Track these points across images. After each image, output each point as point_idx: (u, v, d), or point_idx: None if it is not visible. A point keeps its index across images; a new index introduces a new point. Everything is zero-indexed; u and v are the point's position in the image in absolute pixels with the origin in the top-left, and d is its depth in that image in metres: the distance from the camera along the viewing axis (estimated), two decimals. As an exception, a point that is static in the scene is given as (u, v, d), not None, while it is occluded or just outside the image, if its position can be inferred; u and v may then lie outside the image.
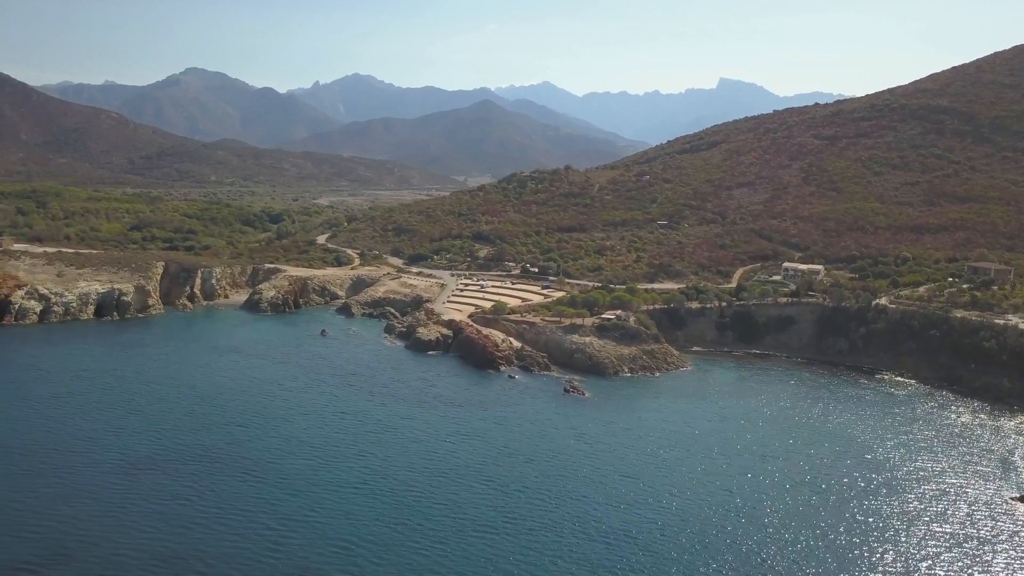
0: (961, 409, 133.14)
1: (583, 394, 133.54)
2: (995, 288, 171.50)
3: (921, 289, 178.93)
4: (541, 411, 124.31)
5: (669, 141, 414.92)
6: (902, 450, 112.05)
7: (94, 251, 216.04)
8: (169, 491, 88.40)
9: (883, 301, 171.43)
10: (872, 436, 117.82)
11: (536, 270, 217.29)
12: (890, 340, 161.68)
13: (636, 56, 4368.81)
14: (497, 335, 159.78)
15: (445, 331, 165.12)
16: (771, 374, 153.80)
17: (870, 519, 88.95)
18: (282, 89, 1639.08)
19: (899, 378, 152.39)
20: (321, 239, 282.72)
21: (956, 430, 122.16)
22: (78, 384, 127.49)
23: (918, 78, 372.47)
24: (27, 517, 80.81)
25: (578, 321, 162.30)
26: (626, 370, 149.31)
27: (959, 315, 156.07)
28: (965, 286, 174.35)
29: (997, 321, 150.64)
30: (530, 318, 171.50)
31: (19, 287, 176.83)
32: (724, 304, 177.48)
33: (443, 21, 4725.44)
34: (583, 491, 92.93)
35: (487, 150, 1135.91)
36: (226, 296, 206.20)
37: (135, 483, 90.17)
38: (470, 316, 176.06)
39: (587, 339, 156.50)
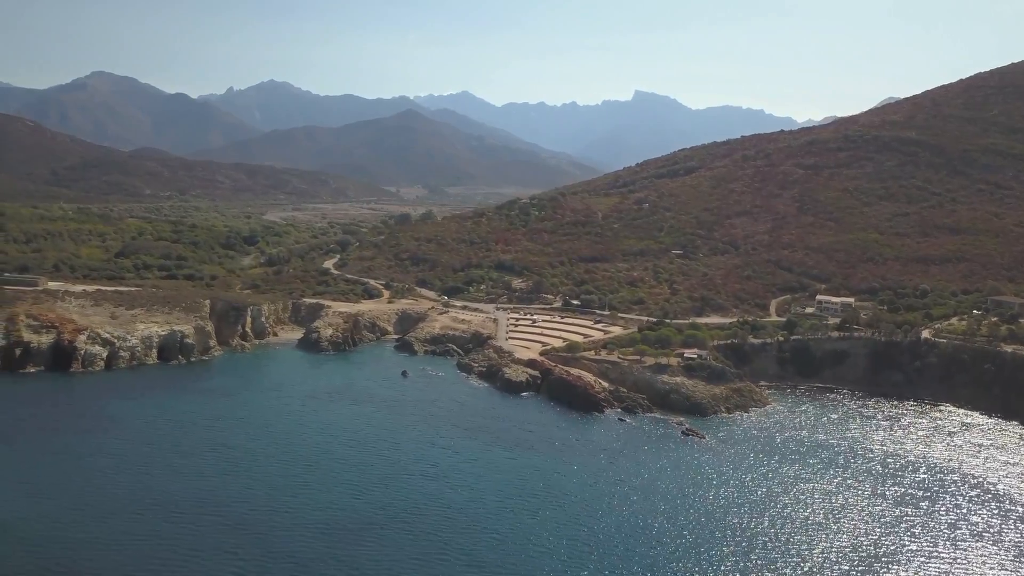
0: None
1: (703, 437, 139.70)
2: (1022, 321, 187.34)
3: (953, 320, 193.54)
4: (682, 456, 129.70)
5: (639, 164, 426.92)
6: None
7: (132, 288, 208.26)
8: (414, 553, 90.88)
9: (926, 335, 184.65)
10: (986, 468, 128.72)
11: (578, 302, 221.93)
12: (943, 373, 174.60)
13: (553, 67, 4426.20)
14: (588, 376, 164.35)
15: (532, 372, 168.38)
16: (849, 407, 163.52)
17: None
18: (194, 95, 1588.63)
19: (960, 409, 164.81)
20: (329, 266, 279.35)
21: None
22: (220, 435, 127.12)
23: (871, 106, 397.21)
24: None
25: (663, 360, 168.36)
26: (723, 410, 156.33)
27: (1009, 350, 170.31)
28: (994, 319, 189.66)
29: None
30: (606, 355, 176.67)
31: (79, 331, 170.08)
32: (782, 339, 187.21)
33: (362, 29, 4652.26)
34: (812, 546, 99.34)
35: (413, 160, 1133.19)
36: (275, 334, 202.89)
37: (366, 551, 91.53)
38: (543, 354, 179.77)
39: (678, 379, 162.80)
